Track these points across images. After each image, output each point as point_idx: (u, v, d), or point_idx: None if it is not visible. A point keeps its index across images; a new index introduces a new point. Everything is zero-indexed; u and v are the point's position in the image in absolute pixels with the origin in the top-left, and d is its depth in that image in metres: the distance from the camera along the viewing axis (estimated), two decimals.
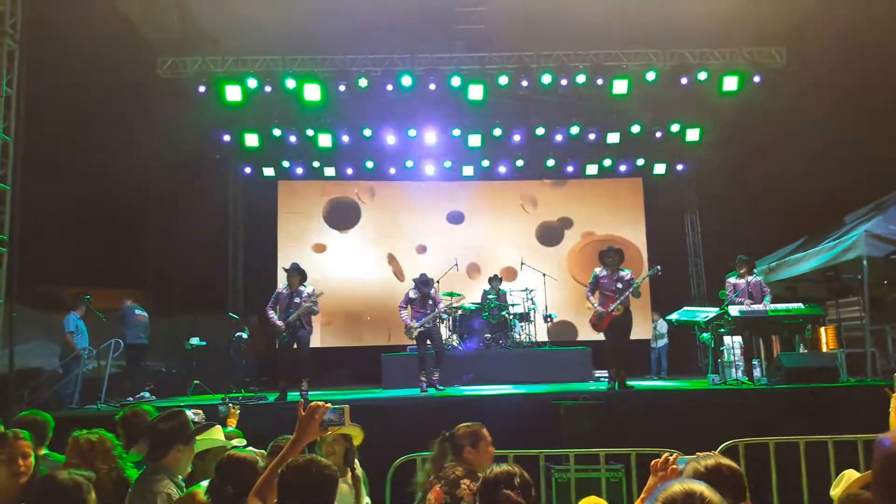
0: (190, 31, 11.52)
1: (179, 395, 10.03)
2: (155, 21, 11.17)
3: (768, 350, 9.14)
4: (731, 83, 11.97)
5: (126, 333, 9.84)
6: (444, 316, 11.33)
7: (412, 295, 9.59)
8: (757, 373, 8.95)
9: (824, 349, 10.03)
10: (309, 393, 8.70)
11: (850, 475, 2.83)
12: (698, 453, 2.55)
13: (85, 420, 5.94)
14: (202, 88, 11.89)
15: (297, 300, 8.70)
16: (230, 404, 5.24)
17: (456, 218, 14.95)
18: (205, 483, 3.11)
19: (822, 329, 10.17)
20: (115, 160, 10.86)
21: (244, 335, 11.83)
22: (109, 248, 11.81)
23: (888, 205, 10.16)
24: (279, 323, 8.67)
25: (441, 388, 9.26)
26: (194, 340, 11.20)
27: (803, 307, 8.95)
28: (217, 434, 3.73)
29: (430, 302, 9.51)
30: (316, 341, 13.53)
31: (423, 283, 9.65)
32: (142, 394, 9.65)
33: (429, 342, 9.46)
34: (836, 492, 2.81)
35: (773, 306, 8.87)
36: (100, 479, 3.22)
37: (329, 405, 2.90)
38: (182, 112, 11.87)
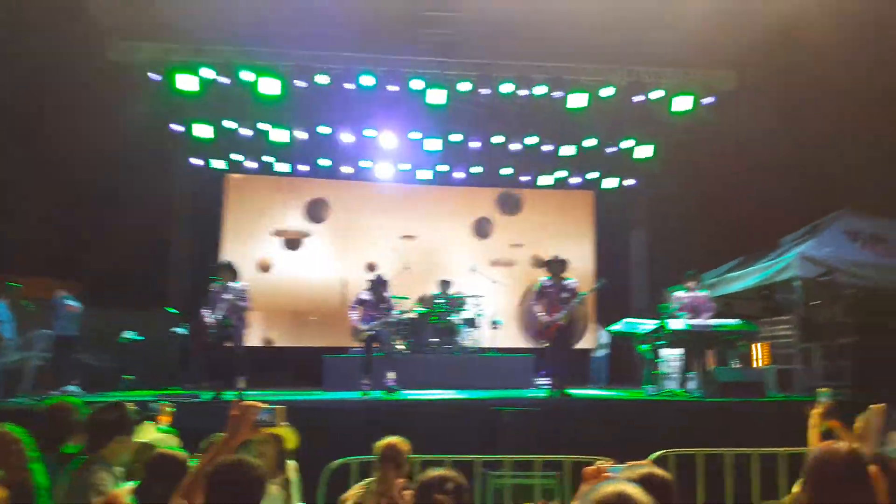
0: (145, 15, 11.25)
1: (109, 391, 9.73)
2: (108, 1, 10.86)
3: (703, 363, 9.43)
4: (683, 103, 12.31)
5: (55, 324, 9.48)
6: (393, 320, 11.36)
7: (365, 296, 9.45)
8: (692, 385, 9.23)
9: (756, 364, 10.41)
10: (245, 392, 8.57)
11: None
12: (630, 462, 2.64)
13: (5, 413, 5.76)
14: (155, 76, 11.64)
15: (225, 296, 8.47)
16: (162, 402, 5.13)
17: (409, 220, 14.96)
18: (130, 484, 3.06)
19: (756, 345, 10.55)
20: (57, 145, 10.51)
21: (181, 331, 11.54)
22: (44, 235, 11.41)
23: (822, 228, 10.58)
24: (208, 320, 8.49)
25: (394, 388, 9.13)
26: (129, 334, 10.84)
27: (739, 323, 9.26)
28: (147, 432, 3.66)
29: (383, 305, 9.39)
30: (255, 340, 13.46)
31: (379, 283, 9.50)
32: (68, 387, 9.27)
33: (376, 346, 9.32)
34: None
35: (711, 321, 9.16)
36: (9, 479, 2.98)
37: (263, 405, 2.89)
38: (131, 99, 11.58)
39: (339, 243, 14.82)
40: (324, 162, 14.09)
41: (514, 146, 13.69)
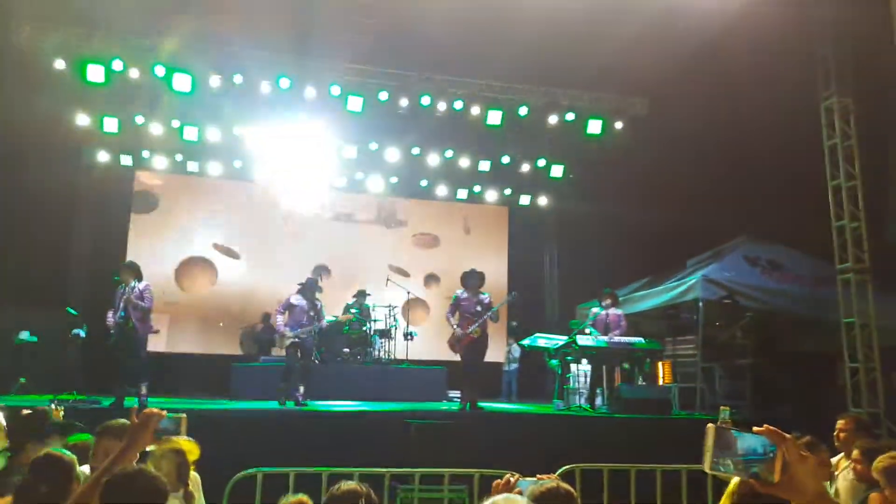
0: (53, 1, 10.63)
1: (1, 394, 9.09)
2: None
3: (611, 380, 9.69)
4: (595, 126, 12.72)
5: None
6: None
7: (294, 301, 9.07)
8: (599, 401, 9.45)
9: (660, 382, 10.78)
10: (148, 399, 8.15)
11: None
12: (538, 476, 2.64)
13: None
14: (61, 64, 11.00)
15: (126, 297, 8.05)
16: (55, 406, 4.81)
17: (326, 228, 14.71)
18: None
19: (660, 363, 10.93)
20: None
21: (82, 333, 10.92)
22: None
23: (724, 253, 11.14)
24: (110, 321, 8.09)
25: (304, 403, 8.80)
26: (24, 335, 10.25)
27: (644, 342, 9.58)
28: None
29: (312, 313, 9.04)
30: (161, 346, 12.87)
31: (310, 287, 9.14)
32: None
33: (298, 354, 8.95)
34: None
35: (616, 339, 9.42)
36: None
37: (164, 413, 2.73)
38: (36, 86, 10.89)
39: (245, 246, 14.37)
40: (236, 163, 13.67)
41: (433, 158, 13.73)
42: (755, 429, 1.54)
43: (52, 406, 4.87)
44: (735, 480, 4.14)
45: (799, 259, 10.82)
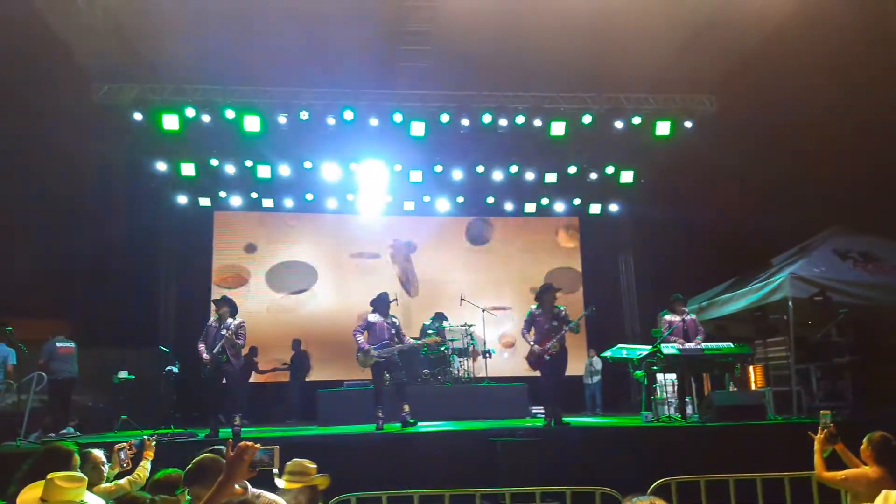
0: (128, 57, 11.27)
1: (105, 431, 9.55)
2: (92, 46, 10.89)
3: (699, 388, 9.35)
4: (663, 128, 12.45)
5: (51, 366, 9.32)
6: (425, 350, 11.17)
7: (371, 318, 8.92)
8: (689, 410, 9.13)
9: (753, 387, 10.34)
10: (243, 429, 8.40)
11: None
12: (630, 496, 2.59)
13: (4, 457, 5.62)
14: (138, 116, 11.65)
15: (223, 332, 8.32)
16: (145, 438, 5.01)
17: (398, 251, 14.89)
18: None
19: (751, 367, 10.49)
20: (46, 186, 10.46)
21: (175, 369, 11.40)
22: (35, 277, 11.28)
23: (812, 248, 10.64)
24: (205, 356, 8.32)
25: (412, 421, 8.62)
26: (122, 374, 10.70)
27: (733, 346, 9.20)
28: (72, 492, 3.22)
29: (393, 331, 8.84)
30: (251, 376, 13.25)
31: (384, 303, 8.96)
32: (66, 429, 9.11)
33: (387, 375, 8.77)
34: None
35: (705, 345, 9.10)
36: None
37: (258, 446, 2.81)
38: (117, 139, 11.56)
39: (333, 277, 14.71)
40: (308, 196, 14.06)
41: (497, 175, 13.73)
42: None
43: (144, 437, 5.04)
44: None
45: (893, 248, 10.23)
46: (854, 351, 9.28)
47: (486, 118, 12.29)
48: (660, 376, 9.69)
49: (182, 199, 13.75)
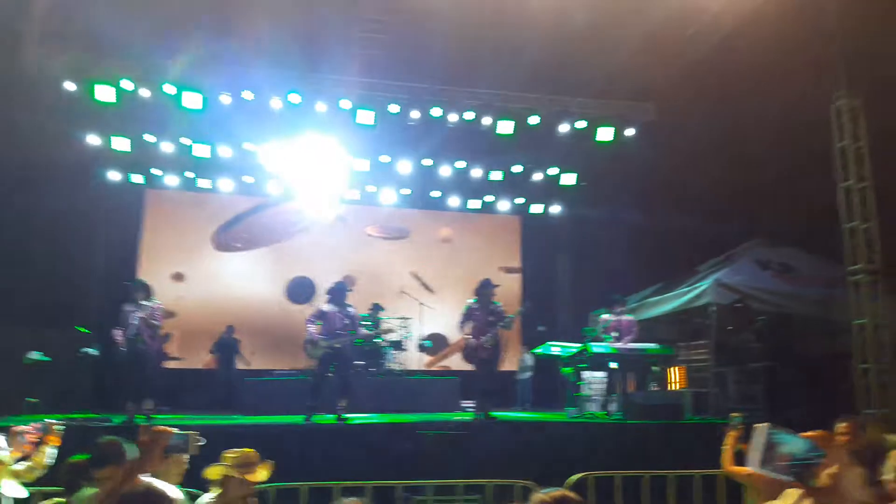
0: (63, 23, 10.80)
1: (10, 416, 9.13)
2: (23, 8, 10.39)
3: (623, 386, 9.64)
4: (605, 133, 12.70)
5: None
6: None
7: (326, 308, 8.76)
8: (613, 407, 9.41)
9: (673, 388, 10.73)
10: (156, 416, 8.23)
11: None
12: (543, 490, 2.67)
13: None
14: (70, 86, 11.18)
15: (139, 315, 8.19)
16: (50, 423, 4.77)
17: (340, 241, 14.79)
18: None
19: (673, 368, 10.88)
20: None
21: (92, 351, 10.99)
22: None
23: (736, 257, 11.07)
24: (119, 338, 8.17)
25: (345, 417, 8.49)
26: (35, 355, 10.21)
27: (657, 347, 9.54)
28: None
29: (347, 321, 8.70)
30: (175, 362, 12.99)
31: (340, 293, 8.78)
32: None
33: (334, 365, 8.61)
34: None
35: (630, 345, 9.39)
36: None
37: (174, 431, 2.78)
38: (45, 108, 11.05)
39: (264, 263, 14.49)
40: (248, 179, 13.80)
41: (444, 170, 13.80)
42: (807, 433, 1.56)
43: (45, 422, 4.82)
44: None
45: (811, 261, 10.74)
46: (768, 356, 9.73)
47: (436, 112, 12.29)
48: (586, 374, 9.94)
49: (113, 175, 13.29)
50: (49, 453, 4.35)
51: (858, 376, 8.77)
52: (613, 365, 9.42)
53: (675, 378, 10.83)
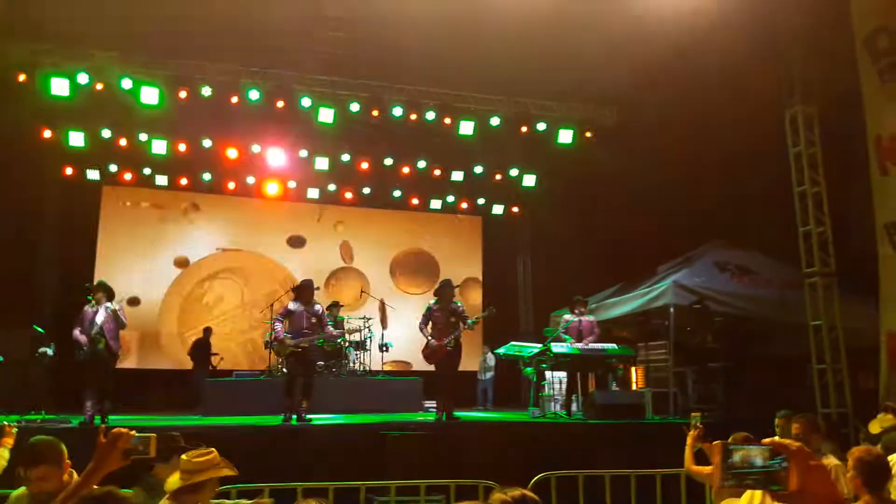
0: (13, 12, 10.44)
1: None
2: None
3: (584, 386, 9.74)
4: (565, 136, 12.84)
5: None
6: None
7: (292, 307, 8.62)
8: (574, 407, 9.49)
9: (634, 387, 10.87)
10: (110, 416, 8.03)
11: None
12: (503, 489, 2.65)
13: None
14: (22, 77, 10.83)
15: (99, 316, 8.01)
16: (4, 424, 4.68)
17: (297, 241, 14.62)
18: None
19: (633, 369, 11.02)
20: None
21: (49, 351, 10.68)
22: None
23: (695, 259, 11.27)
24: (82, 338, 7.96)
25: (308, 418, 8.41)
26: None
27: (617, 348, 9.65)
28: None
29: (314, 320, 8.56)
30: (132, 363, 12.71)
31: (307, 290, 8.64)
32: None
33: (300, 365, 8.50)
34: None
35: (590, 346, 9.48)
36: None
37: (133, 432, 2.69)
38: None
39: (217, 263, 14.24)
40: (206, 176, 13.55)
41: (405, 169, 13.77)
42: (764, 441, 1.55)
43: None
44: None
45: (768, 264, 10.99)
46: (726, 357, 9.93)
47: (397, 111, 12.25)
48: (548, 374, 10.01)
49: (68, 171, 12.90)
50: (2, 455, 4.25)
51: (816, 377, 9.01)
52: (572, 365, 9.50)
53: (636, 378, 10.98)
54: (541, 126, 12.81)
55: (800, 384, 9.29)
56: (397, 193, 14.57)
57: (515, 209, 15.34)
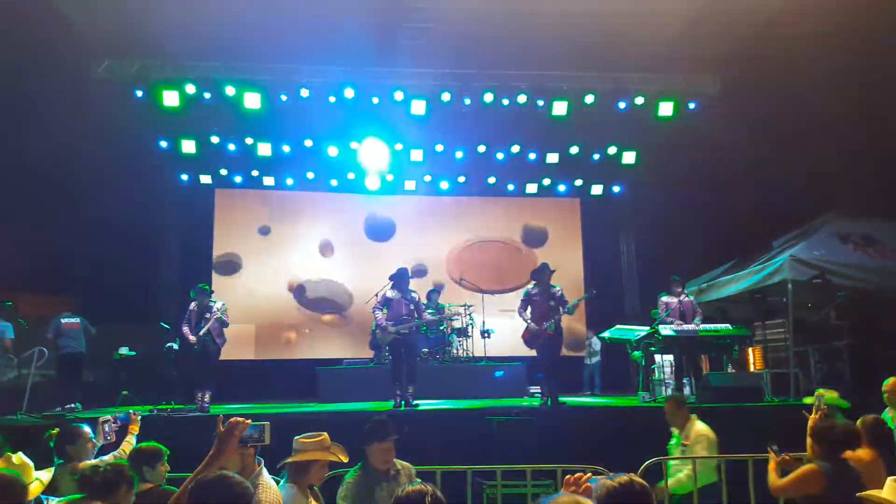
0: (128, 33, 11.18)
1: (107, 407, 9.66)
2: (91, 20, 10.78)
3: (697, 369, 9.37)
4: (666, 108, 12.36)
5: (58, 343, 9.44)
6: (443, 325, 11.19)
7: (389, 295, 8.87)
8: (686, 391, 9.16)
9: (751, 369, 10.35)
10: (210, 406, 8.63)
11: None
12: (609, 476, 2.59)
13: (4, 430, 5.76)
14: (139, 92, 11.62)
15: (206, 315, 8.64)
16: (130, 412, 5.11)
17: (391, 231, 14.85)
18: None
19: (750, 349, 10.50)
20: (46, 163, 10.47)
21: (175, 346, 11.47)
22: (39, 254, 11.30)
23: (812, 231, 10.60)
24: (191, 337, 8.60)
25: (415, 403, 8.63)
26: (123, 350, 10.94)
27: (731, 328, 9.22)
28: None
29: (412, 307, 8.79)
30: (249, 353, 13.39)
31: (402, 279, 8.89)
32: (73, 405, 9.11)
33: (403, 351, 8.73)
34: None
35: (702, 326, 9.11)
36: None
37: (249, 421, 2.83)
38: (117, 116, 11.51)
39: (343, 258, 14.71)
40: (309, 175, 14.02)
41: (499, 155, 13.69)
42: None
43: (130, 412, 5.13)
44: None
45: (895, 232, 10.18)
46: (852, 334, 9.27)
47: (488, 97, 12.20)
48: (657, 357, 9.70)
49: (183, 177, 13.75)
50: (130, 442, 4.65)
51: None
52: (682, 348, 9.16)
53: (753, 359, 10.43)
54: (639, 100, 12.39)
55: None
56: (492, 180, 14.51)
57: (616, 188, 14.93)
